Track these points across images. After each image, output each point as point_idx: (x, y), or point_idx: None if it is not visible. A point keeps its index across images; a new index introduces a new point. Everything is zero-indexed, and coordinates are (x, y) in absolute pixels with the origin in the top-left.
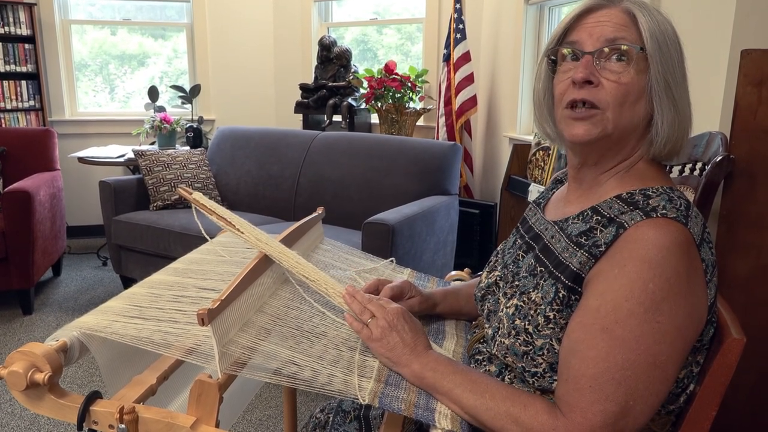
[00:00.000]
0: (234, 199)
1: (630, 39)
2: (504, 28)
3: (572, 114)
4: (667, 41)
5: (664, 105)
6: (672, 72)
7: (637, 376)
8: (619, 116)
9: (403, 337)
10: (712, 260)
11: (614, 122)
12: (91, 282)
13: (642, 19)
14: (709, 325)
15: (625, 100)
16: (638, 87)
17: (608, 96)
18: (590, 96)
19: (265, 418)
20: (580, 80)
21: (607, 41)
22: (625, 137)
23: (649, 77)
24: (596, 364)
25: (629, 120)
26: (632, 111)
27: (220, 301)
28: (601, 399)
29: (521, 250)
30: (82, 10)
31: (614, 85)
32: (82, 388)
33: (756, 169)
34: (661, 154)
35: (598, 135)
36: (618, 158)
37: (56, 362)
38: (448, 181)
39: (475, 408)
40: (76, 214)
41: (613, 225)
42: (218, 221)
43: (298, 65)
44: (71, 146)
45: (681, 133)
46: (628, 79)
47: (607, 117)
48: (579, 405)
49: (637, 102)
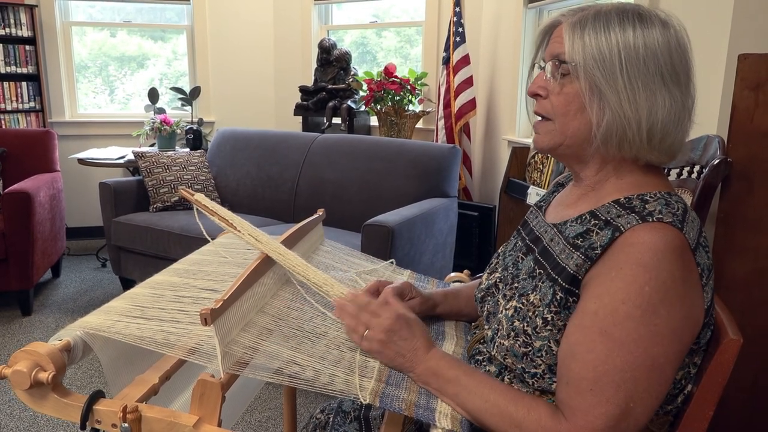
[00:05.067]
0: (234, 201)
1: (564, 53)
2: (503, 31)
3: (534, 124)
4: (602, 51)
5: (594, 109)
6: (606, 77)
7: (636, 379)
8: (564, 125)
9: (400, 347)
10: (708, 264)
11: (561, 131)
12: (91, 283)
13: (566, 35)
14: (706, 328)
15: (567, 110)
16: (579, 97)
17: (553, 108)
18: (540, 109)
19: (264, 420)
20: (529, 94)
21: (552, 56)
22: (583, 143)
23: (579, 86)
24: (596, 367)
25: (577, 128)
26: (579, 119)
27: (222, 301)
28: (602, 402)
29: (521, 252)
30: (83, 12)
31: (555, 97)
32: (81, 390)
33: (753, 172)
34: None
35: (550, 143)
36: (594, 164)
37: (60, 362)
38: (447, 184)
39: (479, 411)
40: (76, 215)
41: (609, 228)
42: (220, 222)
43: (298, 67)
44: (71, 148)
45: (635, 137)
46: (568, 90)
47: (556, 127)
48: (581, 408)
49: (583, 110)
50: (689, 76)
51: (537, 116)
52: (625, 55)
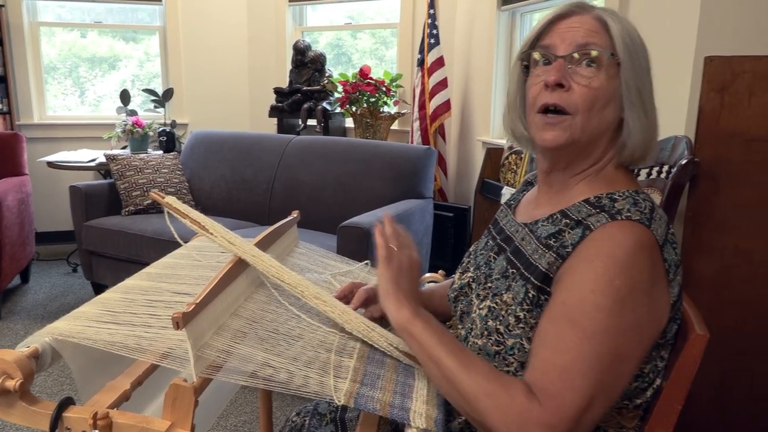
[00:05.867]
0: (208, 204)
1: (600, 45)
2: (477, 33)
3: (544, 119)
4: (637, 49)
5: (635, 111)
6: (641, 78)
7: (603, 369)
8: (587, 121)
9: (410, 283)
10: (675, 260)
11: (582, 127)
12: (61, 289)
13: (613, 26)
14: (672, 322)
15: (593, 104)
16: (607, 92)
17: (578, 100)
18: (561, 100)
19: (240, 424)
20: (552, 83)
21: (578, 46)
22: (594, 142)
23: (620, 83)
24: (563, 355)
25: (597, 125)
26: (600, 116)
27: (195, 305)
28: (571, 390)
29: (493, 252)
30: (51, 12)
31: (584, 90)
32: (51, 397)
33: (719, 172)
34: (631, 158)
35: (566, 140)
36: (587, 163)
37: (28, 369)
38: (422, 185)
39: (456, 374)
40: (45, 219)
41: (580, 227)
42: (192, 225)
43: (273, 69)
44: (40, 150)
45: (650, 139)
46: (597, 84)
47: (576, 122)
48: (549, 393)
49: (606, 107)
50: None
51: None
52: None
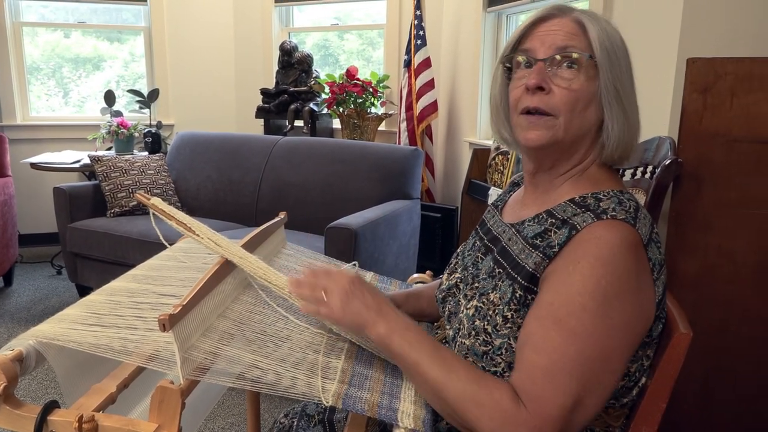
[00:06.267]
0: (194, 205)
1: (580, 47)
2: (463, 34)
3: (527, 119)
4: (616, 50)
5: (614, 111)
6: (621, 80)
7: (590, 370)
8: (569, 122)
9: (365, 300)
10: (659, 259)
11: (565, 128)
12: (45, 292)
13: (591, 29)
14: (657, 321)
15: (575, 106)
16: (588, 94)
17: (559, 102)
18: (542, 103)
19: (227, 426)
20: (532, 86)
21: (558, 49)
22: (577, 142)
23: (599, 84)
24: (549, 356)
25: (579, 125)
26: (582, 117)
27: (181, 306)
28: (556, 391)
29: (480, 252)
30: (34, 12)
31: (565, 92)
32: (36, 400)
33: (702, 172)
34: (612, 158)
35: (549, 140)
36: (571, 162)
37: (11, 372)
38: (410, 186)
39: (440, 383)
40: (29, 221)
41: (566, 227)
42: (178, 227)
43: (259, 70)
44: (23, 152)
45: (630, 138)
46: (577, 85)
47: (559, 123)
48: (535, 395)
49: (587, 108)
50: None
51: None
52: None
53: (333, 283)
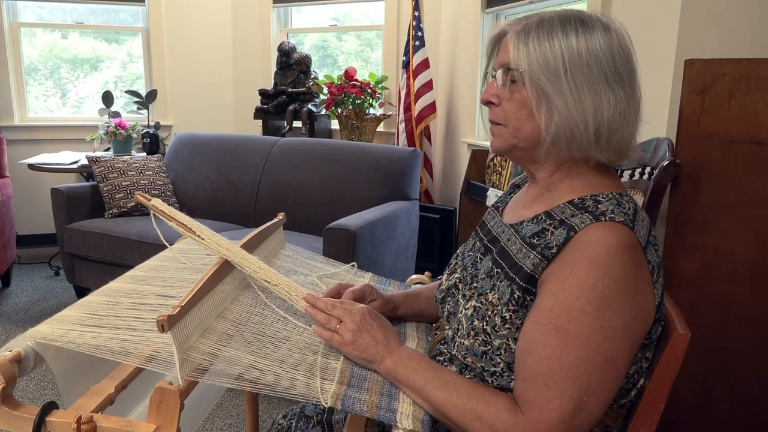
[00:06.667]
0: (193, 206)
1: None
2: (462, 35)
3: (490, 128)
4: (546, 57)
5: (543, 113)
6: (552, 82)
7: (590, 373)
8: (517, 130)
9: (375, 335)
10: (657, 262)
11: (515, 134)
12: (43, 292)
13: (512, 44)
14: (656, 323)
15: (517, 115)
16: (528, 102)
17: (503, 113)
18: (494, 115)
19: (226, 427)
20: (482, 103)
21: (501, 65)
22: (536, 146)
23: (526, 92)
24: (550, 362)
25: (529, 132)
26: (530, 123)
27: (180, 307)
28: (556, 396)
29: (479, 253)
30: (32, 13)
31: (507, 104)
32: (34, 401)
33: (700, 173)
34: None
35: (506, 146)
36: (549, 165)
37: (10, 373)
38: (408, 187)
39: (443, 405)
40: (27, 222)
41: (564, 227)
42: (178, 227)
43: (258, 71)
44: (21, 152)
45: (582, 137)
46: (519, 96)
47: (509, 131)
48: (536, 402)
49: (533, 115)
50: (633, 77)
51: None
52: (569, 60)
53: (348, 316)
